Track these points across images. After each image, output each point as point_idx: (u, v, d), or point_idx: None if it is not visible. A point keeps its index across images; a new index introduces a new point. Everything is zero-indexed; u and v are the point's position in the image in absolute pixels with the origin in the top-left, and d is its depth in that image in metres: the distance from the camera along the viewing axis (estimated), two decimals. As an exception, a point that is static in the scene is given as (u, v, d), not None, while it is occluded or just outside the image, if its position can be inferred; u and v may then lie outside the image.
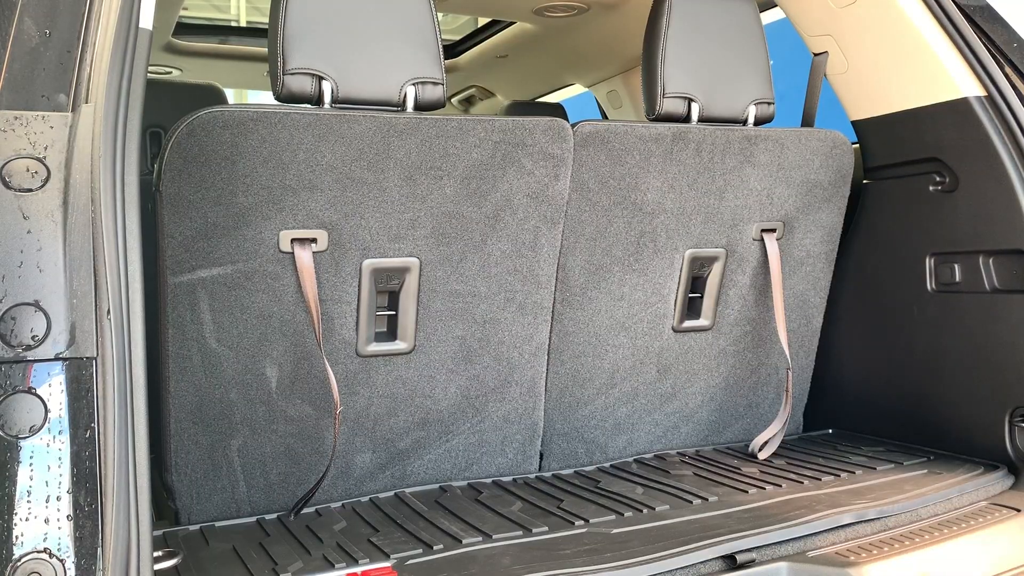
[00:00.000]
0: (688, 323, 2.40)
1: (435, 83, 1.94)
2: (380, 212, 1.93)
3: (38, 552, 1.12)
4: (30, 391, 1.16)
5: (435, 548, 1.74)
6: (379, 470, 2.13)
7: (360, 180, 1.89)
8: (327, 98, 1.85)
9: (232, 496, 1.99)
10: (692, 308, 2.42)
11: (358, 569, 1.62)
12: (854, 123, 2.49)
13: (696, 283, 2.40)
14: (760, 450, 2.39)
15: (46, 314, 1.18)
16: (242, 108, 1.76)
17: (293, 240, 1.87)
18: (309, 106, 1.85)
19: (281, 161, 1.81)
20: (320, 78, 1.84)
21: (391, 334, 2.06)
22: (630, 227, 2.22)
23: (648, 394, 2.42)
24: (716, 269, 2.37)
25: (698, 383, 2.48)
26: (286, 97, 1.84)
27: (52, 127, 1.26)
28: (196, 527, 1.93)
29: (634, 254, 2.25)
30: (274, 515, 1.99)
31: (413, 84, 1.91)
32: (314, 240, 1.89)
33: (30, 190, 1.21)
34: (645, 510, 1.95)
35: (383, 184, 1.91)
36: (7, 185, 1.21)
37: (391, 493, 2.12)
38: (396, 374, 2.08)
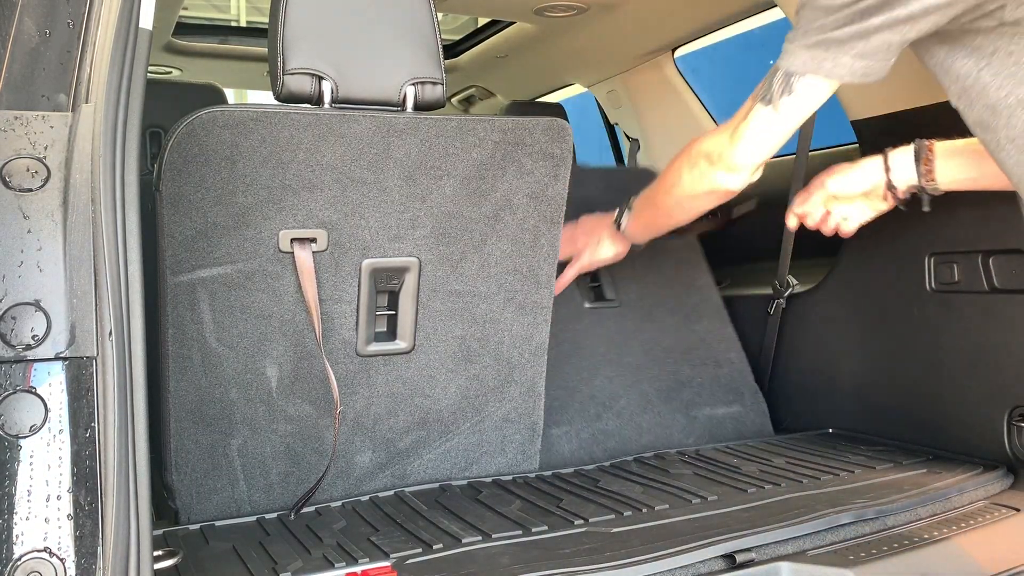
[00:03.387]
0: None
1: (435, 83, 1.93)
2: (380, 212, 1.93)
3: (38, 551, 1.13)
4: (30, 391, 1.16)
5: (435, 547, 1.74)
6: (379, 470, 2.13)
7: (360, 180, 1.89)
8: (327, 98, 1.84)
9: (232, 495, 1.99)
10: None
11: (358, 568, 1.63)
12: (854, 123, 2.49)
13: None
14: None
15: (46, 314, 1.18)
16: (242, 108, 1.76)
17: (293, 240, 1.87)
18: (309, 106, 1.85)
19: (281, 161, 1.81)
20: (320, 78, 1.84)
21: (391, 334, 2.07)
22: (630, 227, 2.22)
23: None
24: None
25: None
26: (286, 97, 1.84)
27: (52, 127, 1.26)
28: (196, 526, 1.93)
29: (633, 254, 2.26)
30: (274, 514, 1.99)
31: (413, 84, 1.91)
32: (314, 240, 1.89)
33: (30, 190, 1.21)
34: (645, 509, 1.95)
35: (383, 184, 1.91)
36: (7, 185, 1.21)
37: (391, 492, 2.12)
38: (396, 374, 2.08)
